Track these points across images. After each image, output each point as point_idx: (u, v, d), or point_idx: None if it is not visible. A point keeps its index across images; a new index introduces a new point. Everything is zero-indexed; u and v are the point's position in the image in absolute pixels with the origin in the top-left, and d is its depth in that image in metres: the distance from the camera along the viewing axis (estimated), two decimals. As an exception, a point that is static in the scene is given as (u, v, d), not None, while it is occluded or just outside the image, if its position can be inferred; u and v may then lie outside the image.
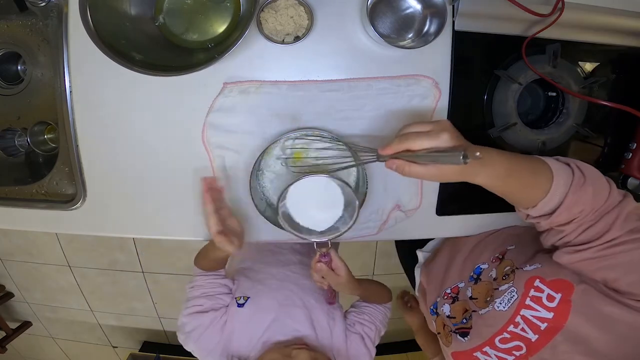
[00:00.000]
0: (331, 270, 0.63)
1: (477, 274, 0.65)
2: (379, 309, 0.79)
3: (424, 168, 0.45)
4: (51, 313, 2.31)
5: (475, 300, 0.61)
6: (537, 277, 0.50)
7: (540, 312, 0.47)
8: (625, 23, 0.71)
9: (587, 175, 0.48)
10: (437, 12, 0.62)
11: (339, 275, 0.64)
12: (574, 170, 0.49)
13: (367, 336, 0.73)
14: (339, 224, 0.62)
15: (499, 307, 0.52)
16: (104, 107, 0.67)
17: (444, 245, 0.82)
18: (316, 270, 0.64)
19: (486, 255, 0.66)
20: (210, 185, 0.60)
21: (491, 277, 0.61)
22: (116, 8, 0.61)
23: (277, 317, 0.69)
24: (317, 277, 0.65)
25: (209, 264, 0.74)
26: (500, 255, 0.64)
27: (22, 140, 0.82)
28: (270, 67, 0.66)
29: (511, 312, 0.50)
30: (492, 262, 0.64)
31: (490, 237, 0.74)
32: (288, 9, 0.61)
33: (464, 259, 0.72)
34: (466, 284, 0.66)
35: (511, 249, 0.63)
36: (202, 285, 0.73)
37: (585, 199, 0.46)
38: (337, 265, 0.64)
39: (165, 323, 2.32)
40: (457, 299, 0.67)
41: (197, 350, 0.68)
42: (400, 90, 0.68)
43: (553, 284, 0.47)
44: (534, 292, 0.49)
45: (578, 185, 0.47)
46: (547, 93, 0.75)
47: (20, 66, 0.83)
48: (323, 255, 0.63)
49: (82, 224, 0.74)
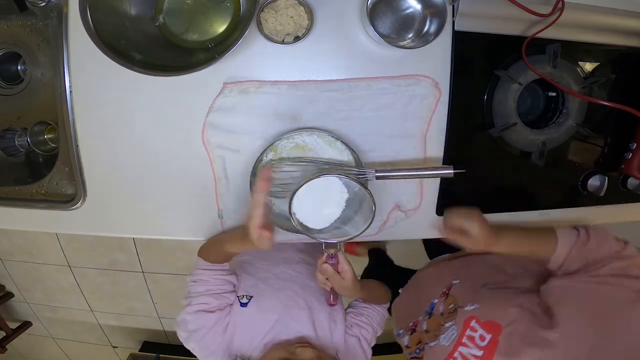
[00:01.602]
0: (337, 272, 0.62)
1: (430, 309, 0.72)
2: (377, 311, 0.79)
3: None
4: (51, 313, 2.31)
5: (428, 334, 0.68)
6: (474, 318, 0.57)
7: (473, 350, 0.54)
8: (625, 23, 0.71)
9: (591, 235, 0.59)
10: (437, 12, 0.62)
11: (344, 278, 0.62)
12: (580, 231, 0.60)
13: (364, 338, 0.73)
14: (349, 227, 0.61)
15: (443, 342, 0.60)
16: (104, 107, 0.67)
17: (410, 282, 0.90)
18: (321, 271, 0.62)
19: (438, 290, 0.73)
20: (267, 176, 0.57)
21: (439, 312, 0.69)
22: (116, 8, 0.61)
23: (280, 318, 0.68)
24: (321, 278, 0.64)
25: (219, 257, 0.71)
26: (446, 290, 0.71)
27: (22, 140, 0.82)
28: (270, 67, 0.66)
29: (451, 347, 0.57)
30: (440, 297, 0.72)
31: (444, 267, 0.82)
32: (288, 9, 0.61)
33: (424, 294, 0.78)
34: (423, 317, 0.73)
35: (456, 284, 0.71)
36: (206, 281, 0.70)
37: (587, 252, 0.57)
38: (344, 268, 0.62)
39: (165, 323, 2.31)
40: (415, 330, 0.74)
41: (199, 350, 0.67)
42: (400, 90, 0.68)
43: (486, 325, 0.55)
44: (470, 331, 0.56)
45: (582, 243, 0.58)
46: (547, 93, 0.75)
47: (20, 66, 0.83)
48: (330, 257, 0.62)
49: (82, 224, 0.74)
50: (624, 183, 0.79)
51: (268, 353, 0.64)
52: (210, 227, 0.74)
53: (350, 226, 0.62)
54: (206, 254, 0.73)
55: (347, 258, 0.63)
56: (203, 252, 0.74)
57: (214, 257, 0.72)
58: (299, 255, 0.85)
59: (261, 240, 0.55)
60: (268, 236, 0.55)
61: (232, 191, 0.71)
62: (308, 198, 0.59)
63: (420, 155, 0.72)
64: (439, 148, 0.72)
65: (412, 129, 0.70)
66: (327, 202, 0.61)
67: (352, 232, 0.61)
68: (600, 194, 0.76)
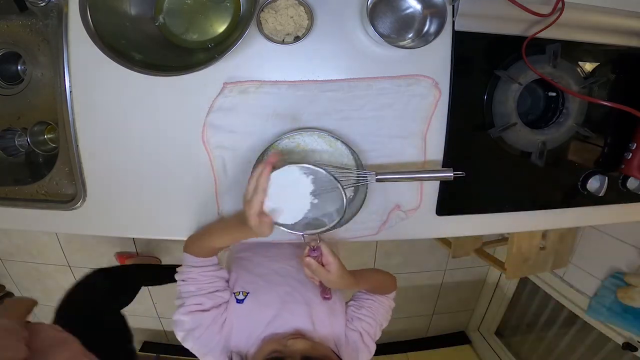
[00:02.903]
0: (321, 265, 0.60)
1: None
2: (380, 301, 0.75)
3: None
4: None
5: None
6: None
7: None
8: (625, 23, 0.71)
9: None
10: (437, 12, 0.62)
11: (330, 271, 0.60)
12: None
13: (366, 332, 0.71)
14: (325, 218, 0.59)
15: None
16: (104, 107, 0.67)
17: None
18: (305, 264, 0.60)
19: None
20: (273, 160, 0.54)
21: None
22: (116, 8, 0.61)
23: (278, 313, 0.68)
24: (308, 273, 0.62)
25: (209, 251, 0.69)
26: None
27: (22, 140, 0.82)
28: (270, 67, 0.66)
29: None
30: None
31: None
32: (288, 9, 0.61)
33: None
34: None
35: None
36: (196, 279, 0.67)
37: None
38: (328, 260, 0.60)
39: (165, 323, 2.31)
40: None
41: (196, 348, 0.66)
42: (400, 90, 0.68)
43: None
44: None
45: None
46: (547, 93, 0.75)
47: (20, 66, 0.83)
48: (312, 250, 0.60)
49: (82, 224, 0.74)
50: (624, 183, 0.79)
51: (261, 347, 0.63)
52: (210, 227, 0.74)
53: (327, 218, 0.59)
54: (194, 249, 0.70)
55: (332, 250, 0.60)
56: (190, 247, 0.70)
57: (204, 251, 0.69)
58: (296, 251, 0.84)
59: (262, 226, 0.54)
60: (269, 221, 0.54)
61: (232, 191, 0.71)
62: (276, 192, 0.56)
63: (420, 155, 0.72)
64: (439, 148, 0.72)
65: (412, 128, 0.70)
66: (295, 195, 0.58)
67: (328, 224, 0.58)
68: (600, 194, 0.76)
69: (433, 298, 2.34)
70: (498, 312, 2.30)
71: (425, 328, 2.46)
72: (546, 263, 1.59)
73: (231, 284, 0.72)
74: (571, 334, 1.80)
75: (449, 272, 2.25)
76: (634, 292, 1.37)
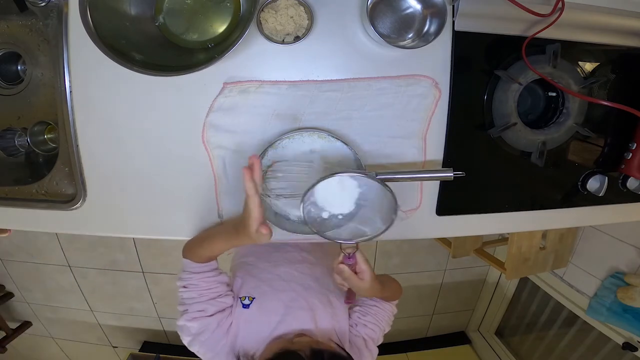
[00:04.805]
0: (354, 273, 0.60)
1: None
2: (385, 308, 0.76)
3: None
4: (51, 313, 2.30)
5: None
6: None
7: None
8: (625, 23, 0.71)
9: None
10: (437, 12, 0.62)
11: (362, 279, 0.60)
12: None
13: (370, 339, 0.71)
14: (367, 228, 0.60)
15: None
16: (104, 107, 0.67)
17: None
18: (337, 271, 0.61)
19: None
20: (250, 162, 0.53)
21: None
22: (116, 8, 0.61)
23: (282, 319, 0.68)
24: (338, 279, 0.63)
25: (209, 256, 0.69)
26: None
27: (22, 140, 0.82)
28: (270, 67, 0.66)
29: None
30: None
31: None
32: (288, 9, 0.61)
33: None
34: None
35: None
36: (197, 285, 0.67)
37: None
38: (362, 268, 0.60)
39: (165, 323, 2.32)
40: None
41: (203, 352, 0.66)
42: (400, 90, 0.68)
43: None
44: None
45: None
46: (547, 93, 0.75)
47: (20, 66, 0.83)
48: (348, 257, 0.60)
49: (82, 224, 0.74)
50: (623, 183, 0.79)
51: (268, 347, 0.64)
52: (210, 227, 0.74)
53: (369, 227, 0.60)
54: (192, 254, 0.70)
55: (365, 257, 0.61)
56: (188, 253, 0.70)
57: (203, 256, 0.69)
58: (301, 255, 0.84)
59: (260, 233, 0.54)
60: (267, 229, 0.54)
61: (232, 191, 0.71)
62: (320, 198, 0.57)
63: (420, 155, 0.72)
64: (438, 148, 0.72)
65: (412, 128, 0.70)
66: (339, 202, 0.59)
67: (370, 233, 0.58)
68: (600, 194, 0.76)
69: (433, 298, 2.34)
70: (498, 312, 2.30)
71: (425, 328, 2.46)
72: (546, 263, 1.59)
73: (237, 289, 0.73)
74: (571, 334, 1.80)
75: (449, 272, 2.25)
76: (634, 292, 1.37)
